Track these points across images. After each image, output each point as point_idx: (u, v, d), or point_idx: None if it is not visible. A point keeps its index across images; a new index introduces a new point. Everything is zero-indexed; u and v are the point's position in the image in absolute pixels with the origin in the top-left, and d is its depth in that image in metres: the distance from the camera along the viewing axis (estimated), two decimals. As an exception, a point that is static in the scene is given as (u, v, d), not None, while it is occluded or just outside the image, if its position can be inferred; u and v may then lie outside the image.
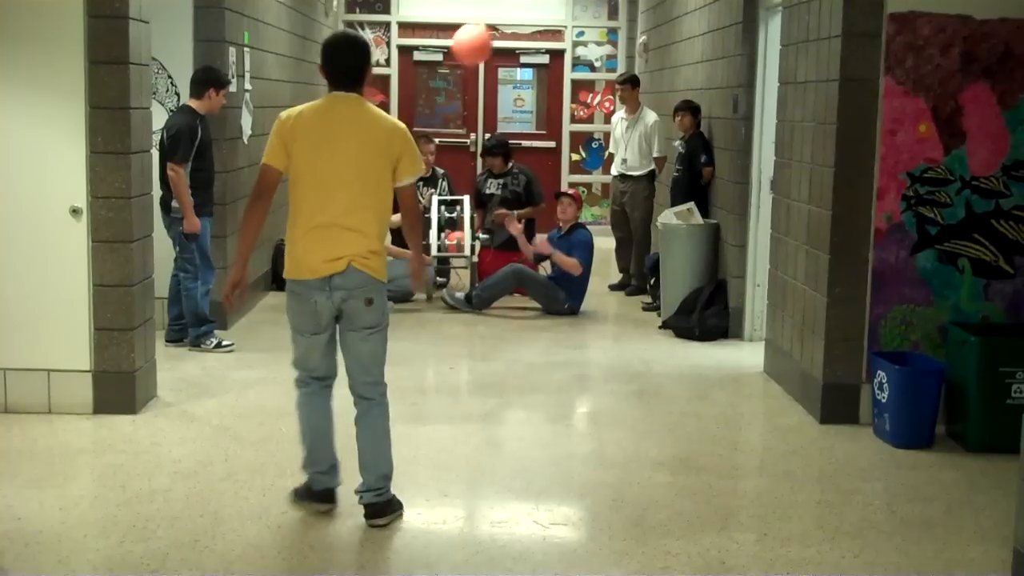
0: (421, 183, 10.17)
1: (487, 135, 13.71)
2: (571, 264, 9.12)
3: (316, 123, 4.50)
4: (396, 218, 9.81)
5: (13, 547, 4.32)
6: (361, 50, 4.63)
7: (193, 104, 7.48)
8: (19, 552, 4.28)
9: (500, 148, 10.21)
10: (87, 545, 4.37)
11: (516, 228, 9.50)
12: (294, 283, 4.55)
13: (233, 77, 8.35)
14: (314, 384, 4.69)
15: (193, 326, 7.62)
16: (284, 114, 4.60)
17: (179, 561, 4.23)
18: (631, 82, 10.58)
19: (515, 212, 9.95)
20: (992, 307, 6.12)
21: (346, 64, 4.57)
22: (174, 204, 7.38)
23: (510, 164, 10.22)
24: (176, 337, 7.74)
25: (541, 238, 9.43)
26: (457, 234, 9.67)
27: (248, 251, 4.70)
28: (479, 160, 13.98)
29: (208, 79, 7.53)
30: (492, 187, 10.16)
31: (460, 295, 9.34)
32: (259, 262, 9.42)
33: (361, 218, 4.47)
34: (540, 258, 9.48)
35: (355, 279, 4.45)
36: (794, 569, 4.28)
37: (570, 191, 9.84)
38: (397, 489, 5.09)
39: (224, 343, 7.65)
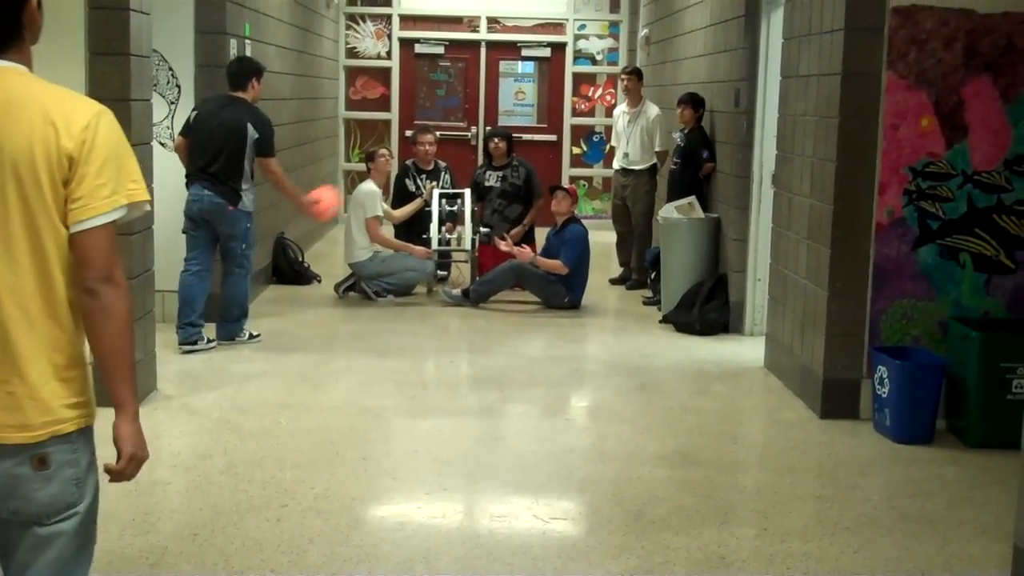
0: (424, 176, 10.17)
1: (489, 128, 13.69)
2: (554, 266, 9.09)
3: None
4: (399, 213, 10.02)
5: None
6: None
7: (245, 96, 7.52)
8: None
9: (506, 136, 10.14)
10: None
11: (505, 246, 9.35)
12: None
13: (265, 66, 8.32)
14: None
15: (234, 320, 7.57)
16: None
17: (178, 555, 4.22)
18: (637, 74, 10.56)
19: (507, 235, 9.71)
20: (993, 302, 6.11)
21: None
22: (246, 198, 7.41)
23: (511, 157, 10.15)
24: (193, 339, 7.33)
25: (521, 250, 9.28)
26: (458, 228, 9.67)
27: None
28: (480, 153, 13.99)
29: (250, 70, 7.61)
30: (491, 179, 10.07)
31: (457, 292, 9.30)
32: (260, 256, 9.41)
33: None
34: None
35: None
36: (794, 564, 4.27)
37: (565, 186, 9.76)
38: (398, 484, 5.10)
39: (253, 333, 7.70)
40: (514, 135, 10.69)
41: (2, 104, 2.36)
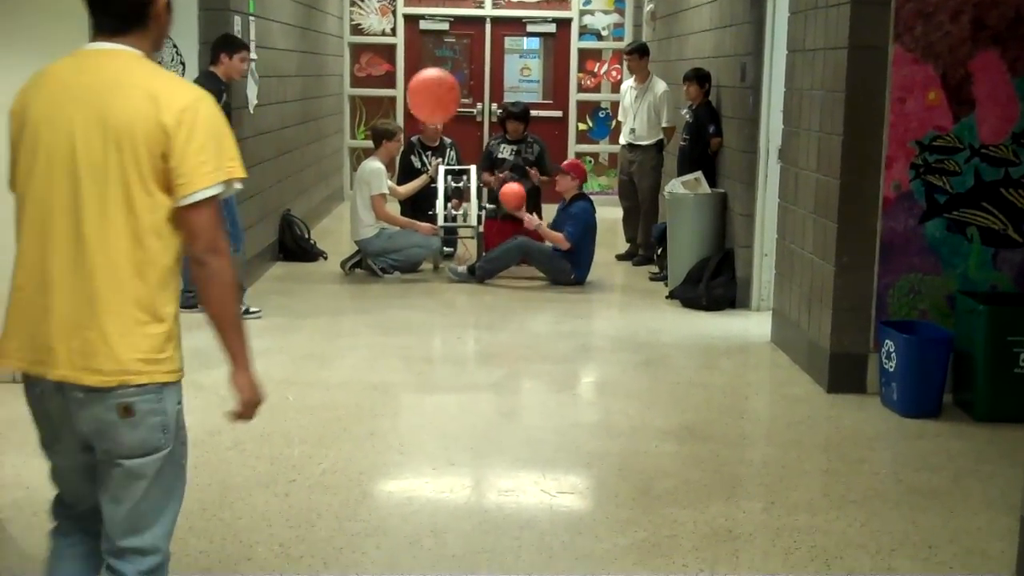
0: (430, 152, 10.16)
1: (494, 104, 13.64)
2: (556, 238, 9.08)
3: (41, 100, 2.67)
4: (404, 189, 10.01)
5: (22, 516, 4.34)
6: None
7: (213, 70, 7.57)
8: (27, 521, 4.30)
9: (525, 115, 10.15)
10: (95, 513, 4.39)
11: (530, 222, 9.34)
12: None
13: (242, 43, 8.32)
14: (63, 522, 2.92)
15: None
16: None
17: (187, 529, 4.23)
18: (639, 51, 10.50)
19: (530, 171, 9.92)
20: (1001, 276, 6.10)
21: None
22: None
23: (526, 133, 10.18)
24: (192, 303, 7.74)
25: (528, 216, 9.29)
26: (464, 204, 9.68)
27: None
28: (486, 130, 13.97)
29: (218, 44, 7.63)
30: (505, 152, 10.11)
31: (462, 269, 9.30)
32: (266, 232, 9.42)
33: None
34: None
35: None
36: (801, 537, 4.28)
37: (569, 165, 9.66)
38: (406, 459, 5.12)
39: (252, 309, 7.69)
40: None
41: (111, 82, 2.61)
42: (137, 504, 2.72)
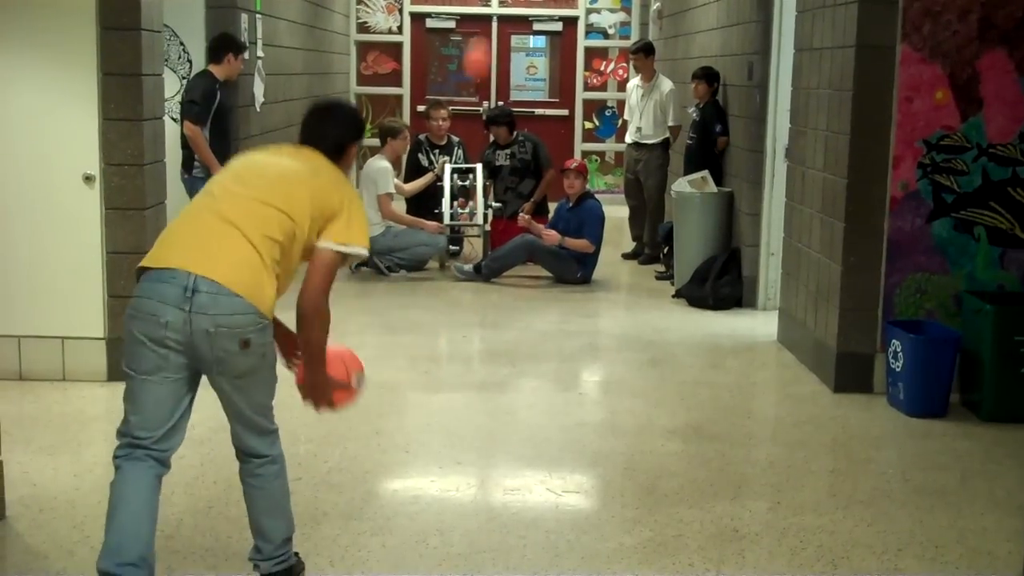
0: (437, 151, 10.18)
1: (488, 104, 13.61)
2: (582, 246, 9.08)
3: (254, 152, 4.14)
4: (410, 187, 10.01)
5: (28, 513, 4.35)
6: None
7: (213, 69, 7.54)
8: (34, 518, 4.31)
9: (504, 118, 10.14)
10: (101, 511, 4.36)
11: (525, 222, 9.32)
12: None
13: (246, 44, 8.33)
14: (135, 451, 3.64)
15: None
16: None
17: (192, 527, 4.25)
18: (644, 51, 10.48)
19: (528, 216, 9.66)
20: (1008, 276, 6.09)
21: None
22: (196, 163, 7.44)
23: (515, 133, 10.16)
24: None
25: (549, 233, 9.24)
26: (469, 203, 9.66)
27: None
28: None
29: (226, 44, 7.60)
30: (501, 159, 10.11)
31: (468, 267, 9.30)
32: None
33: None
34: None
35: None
36: (807, 537, 4.28)
37: (573, 164, 9.58)
38: (411, 458, 5.12)
39: None
40: (525, 110, 10.59)
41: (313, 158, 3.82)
42: (250, 402, 3.67)
